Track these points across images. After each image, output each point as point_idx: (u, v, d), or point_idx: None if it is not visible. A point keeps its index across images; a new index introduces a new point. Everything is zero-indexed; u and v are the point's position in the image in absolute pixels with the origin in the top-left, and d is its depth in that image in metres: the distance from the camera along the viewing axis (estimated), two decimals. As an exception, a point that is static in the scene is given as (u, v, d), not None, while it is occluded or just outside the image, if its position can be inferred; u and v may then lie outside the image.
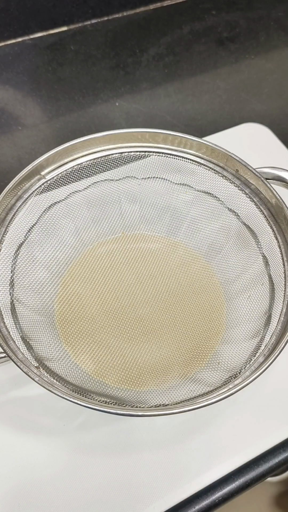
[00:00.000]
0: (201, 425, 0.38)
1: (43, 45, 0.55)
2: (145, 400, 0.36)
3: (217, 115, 0.61)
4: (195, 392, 0.36)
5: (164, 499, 0.35)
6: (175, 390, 0.37)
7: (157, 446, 0.37)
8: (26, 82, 0.56)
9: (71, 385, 0.35)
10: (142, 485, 0.36)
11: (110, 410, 0.31)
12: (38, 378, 0.32)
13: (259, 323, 0.39)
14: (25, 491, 0.35)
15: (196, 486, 0.36)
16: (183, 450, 0.37)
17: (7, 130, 0.56)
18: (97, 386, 0.38)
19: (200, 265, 0.45)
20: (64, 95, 0.58)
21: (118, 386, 0.38)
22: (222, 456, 0.37)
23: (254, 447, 0.38)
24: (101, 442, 0.37)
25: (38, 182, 0.40)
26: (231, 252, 0.44)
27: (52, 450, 0.37)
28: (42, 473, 0.36)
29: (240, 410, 0.39)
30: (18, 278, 0.39)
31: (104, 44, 0.59)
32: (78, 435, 0.38)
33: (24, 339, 0.36)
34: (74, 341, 0.41)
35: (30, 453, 0.37)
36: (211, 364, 0.40)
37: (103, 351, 0.40)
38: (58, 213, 0.43)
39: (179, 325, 0.42)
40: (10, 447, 0.37)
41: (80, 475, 0.36)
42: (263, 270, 0.41)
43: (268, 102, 0.66)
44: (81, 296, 0.43)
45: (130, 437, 0.38)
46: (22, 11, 0.51)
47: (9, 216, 0.40)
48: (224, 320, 0.43)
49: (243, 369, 0.35)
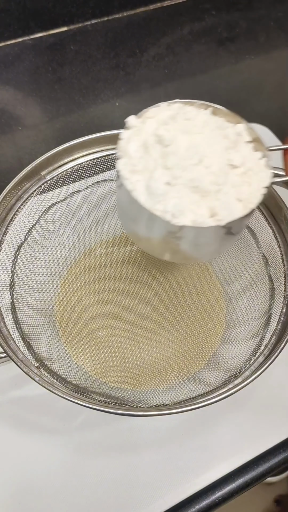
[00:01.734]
0: (201, 425, 0.38)
1: (43, 45, 0.55)
2: (145, 400, 0.37)
3: (217, 115, 0.61)
4: (195, 392, 0.36)
5: (164, 499, 0.35)
6: (175, 390, 0.37)
7: (157, 446, 0.37)
8: (26, 83, 0.56)
9: (71, 385, 0.35)
10: (142, 485, 0.36)
11: (110, 410, 0.31)
12: (39, 378, 0.32)
13: (259, 323, 0.39)
14: (26, 490, 0.35)
15: (196, 486, 0.36)
16: (183, 450, 0.37)
17: (8, 130, 0.56)
18: (97, 386, 0.38)
19: (200, 265, 0.46)
20: (64, 95, 0.58)
21: (118, 386, 0.38)
22: (222, 456, 0.37)
23: (254, 447, 0.38)
24: (101, 442, 0.37)
25: (38, 182, 0.40)
26: (231, 252, 0.44)
27: (52, 449, 0.37)
28: (42, 472, 0.36)
29: (240, 410, 0.39)
30: (18, 278, 0.39)
31: (104, 44, 0.59)
32: (78, 435, 0.38)
33: (25, 339, 0.36)
34: (74, 341, 0.41)
35: (30, 453, 0.37)
36: (211, 364, 0.40)
37: (103, 351, 0.40)
38: (58, 213, 0.43)
39: (179, 325, 0.42)
40: (10, 446, 0.37)
41: (80, 475, 0.36)
42: (263, 270, 0.41)
43: (268, 102, 0.66)
44: (81, 296, 0.43)
45: (130, 437, 0.38)
46: (22, 12, 0.51)
47: (9, 216, 0.40)
48: (224, 320, 0.43)
49: (243, 369, 0.36)
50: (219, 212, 0.26)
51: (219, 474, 0.37)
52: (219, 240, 0.28)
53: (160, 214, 0.26)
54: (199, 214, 0.26)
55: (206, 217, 0.26)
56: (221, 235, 0.27)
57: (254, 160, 0.28)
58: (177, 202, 0.25)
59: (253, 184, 0.28)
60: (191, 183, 0.26)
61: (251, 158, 0.28)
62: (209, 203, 0.26)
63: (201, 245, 0.28)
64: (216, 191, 0.26)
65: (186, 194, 0.26)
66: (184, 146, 0.26)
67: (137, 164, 0.27)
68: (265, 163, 0.28)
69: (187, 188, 0.26)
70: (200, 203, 0.26)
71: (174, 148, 0.26)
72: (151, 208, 0.26)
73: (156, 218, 0.26)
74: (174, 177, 0.26)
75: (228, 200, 0.26)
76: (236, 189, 0.27)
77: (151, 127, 0.28)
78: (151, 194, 0.26)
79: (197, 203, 0.26)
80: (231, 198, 0.27)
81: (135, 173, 0.27)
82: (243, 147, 0.29)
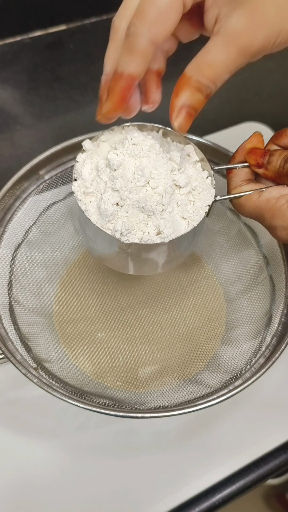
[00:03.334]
0: (201, 427, 0.38)
1: (42, 44, 0.55)
2: (144, 402, 0.36)
3: (218, 114, 0.61)
4: (195, 393, 0.35)
5: (164, 501, 0.35)
6: (175, 392, 0.37)
7: (156, 448, 0.37)
8: (24, 81, 0.56)
9: (70, 387, 0.35)
10: (141, 487, 0.35)
11: (110, 412, 0.31)
12: (37, 379, 0.31)
13: (259, 324, 0.39)
14: (24, 493, 0.35)
15: (196, 488, 0.36)
16: (183, 452, 0.37)
17: (6, 130, 0.55)
18: (96, 387, 0.38)
19: (200, 266, 0.45)
20: (63, 94, 0.57)
21: (117, 387, 0.38)
22: (222, 458, 0.37)
23: (255, 449, 0.37)
24: (100, 444, 0.37)
25: (37, 181, 0.40)
26: (232, 253, 0.44)
27: (50, 452, 0.37)
28: (40, 475, 0.36)
29: (240, 412, 0.39)
30: (16, 279, 0.39)
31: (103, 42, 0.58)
32: (76, 437, 0.37)
33: (23, 340, 0.36)
34: (73, 342, 0.40)
35: (28, 455, 0.36)
36: (211, 366, 0.39)
37: (102, 352, 0.40)
38: (57, 213, 0.42)
39: (178, 326, 0.42)
40: (8, 448, 0.37)
41: (79, 477, 0.36)
42: (263, 271, 0.41)
43: (269, 101, 0.65)
44: (80, 296, 0.43)
45: (130, 439, 0.37)
46: (21, 10, 0.51)
47: (8, 216, 0.39)
48: (224, 321, 0.42)
49: (244, 370, 0.35)
50: (163, 230, 0.28)
51: (220, 476, 0.36)
52: (168, 255, 0.32)
53: (110, 233, 0.29)
54: (146, 232, 0.29)
55: (153, 234, 0.29)
56: (168, 250, 0.31)
57: (200, 179, 0.31)
58: (125, 222, 0.28)
59: (197, 202, 0.30)
60: (137, 204, 0.28)
61: (197, 177, 0.31)
62: (155, 222, 0.29)
63: (151, 259, 0.32)
64: (161, 210, 0.28)
65: (134, 214, 0.28)
66: (131, 170, 0.28)
67: (90, 187, 0.29)
68: (210, 182, 0.31)
69: (134, 208, 0.28)
70: (147, 221, 0.29)
71: (122, 171, 0.28)
72: (102, 227, 0.29)
73: (107, 236, 0.29)
74: (122, 198, 0.28)
75: (173, 218, 0.29)
76: (180, 208, 0.29)
77: (104, 151, 0.30)
78: (101, 214, 0.28)
79: (145, 222, 0.29)
80: (175, 217, 0.29)
81: (88, 194, 0.30)
82: (190, 167, 0.31)
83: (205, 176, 0.31)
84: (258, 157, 0.30)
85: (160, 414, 0.31)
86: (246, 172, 0.31)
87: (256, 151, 0.30)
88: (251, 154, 0.30)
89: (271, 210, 0.28)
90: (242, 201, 0.30)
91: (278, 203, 0.28)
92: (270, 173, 0.29)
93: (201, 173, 0.31)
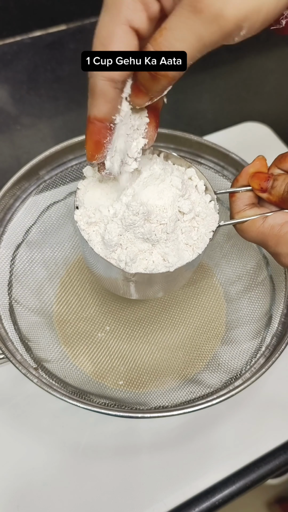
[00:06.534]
0: (201, 427, 0.38)
1: (42, 44, 0.55)
2: (144, 402, 0.36)
3: (218, 114, 0.61)
4: (195, 393, 0.35)
5: (164, 501, 0.35)
6: (175, 392, 0.37)
7: (156, 448, 0.37)
8: (25, 81, 0.56)
9: (70, 387, 0.35)
10: (141, 487, 0.35)
11: (110, 412, 0.31)
12: (37, 379, 0.31)
13: (259, 324, 0.38)
14: (24, 492, 0.35)
15: (196, 488, 0.36)
16: (183, 452, 0.37)
17: (6, 130, 0.55)
18: (96, 387, 0.38)
19: (200, 266, 0.45)
20: (63, 94, 0.57)
21: (117, 387, 0.38)
22: (222, 458, 0.37)
23: (255, 449, 0.37)
24: (100, 444, 0.37)
25: (37, 181, 0.40)
26: (232, 253, 0.44)
27: (50, 452, 0.37)
28: (40, 475, 0.36)
29: (240, 412, 0.39)
30: (16, 279, 0.39)
31: (104, 43, 0.58)
32: (76, 437, 0.37)
33: (23, 340, 0.36)
34: (73, 343, 0.40)
35: (28, 455, 0.36)
36: (211, 366, 0.39)
37: (102, 352, 0.40)
38: (57, 213, 0.42)
39: (179, 326, 0.42)
40: (8, 448, 0.37)
41: (79, 477, 0.36)
42: (263, 271, 0.41)
43: (269, 101, 0.65)
44: (80, 296, 0.43)
45: (130, 439, 0.37)
46: (21, 10, 0.51)
47: (8, 216, 0.39)
48: (224, 321, 0.42)
49: (244, 370, 0.35)
50: (168, 258, 0.28)
51: (220, 476, 0.36)
52: (172, 281, 0.32)
53: (115, 263, 0.28)
54: (151, 260, 0.28)
55: (158, 263, 0.28)
56: (172, 277, 0.30)
57: (203, 204, 0.30)
58: (130, 251, 0.28)
59: (201, 228, 0.30)
60: (141, 235, 0.28)
61: (200, 202, 0.30)
62: (160, 250, 0.28)
63: (154, 286, 0.32)
64: (166, 239, 0.28)
65: (138, 243, 0.28)
66: (134, 199, 0.28)
67: (92, 216, 0.29)
68: (213, 207, 0.30)
69: (138, 238, 0.28)
70: (152, 250, 0.28)
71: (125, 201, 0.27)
72: (106, 257, 0.28)
73: (111, 266, 0.28)
74: (126, 229, 0.28)
75: (177, 246, 0.29)
76: (184, 235, 0.29)
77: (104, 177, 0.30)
78: (106, 244, 0.28)
79: (149, 251, 0.28)
80: (180, 244, 0.29)
81: (91, 224, 0.29)
82: (193, 192, 0.30)
83: (208, 200, 0.30)
84: (262, 182, 0.29)
85: (160, 414, 0.31)
86: (249, 196, 0.30)
87: (259, 175, 0.29)
88: (254, 178, 0.29)
89: (276, 237, 0.27)
90: (246, 226, 0.29)
91: (282, 230, 0.27)
92: (274, 198, 0.29)
93: (204, 197, 0.30)
